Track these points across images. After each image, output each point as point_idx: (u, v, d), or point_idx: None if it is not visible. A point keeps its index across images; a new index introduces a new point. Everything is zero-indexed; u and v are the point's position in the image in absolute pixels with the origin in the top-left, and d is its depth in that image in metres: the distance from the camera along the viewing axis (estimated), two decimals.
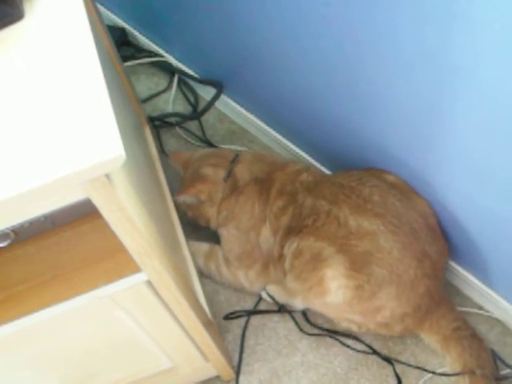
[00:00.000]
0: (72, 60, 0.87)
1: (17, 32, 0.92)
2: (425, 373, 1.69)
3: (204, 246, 1.90)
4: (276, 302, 1.81)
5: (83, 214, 1.05)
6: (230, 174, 1.77)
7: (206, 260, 1.87)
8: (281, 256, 1.68)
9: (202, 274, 1.87)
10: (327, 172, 1.96)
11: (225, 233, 1.80)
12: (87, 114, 0.80)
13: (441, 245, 1.64)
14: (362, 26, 1.36)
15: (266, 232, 1.71)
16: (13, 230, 1.03)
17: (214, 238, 1.87)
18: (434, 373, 1.68)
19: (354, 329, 1.67)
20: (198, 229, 1.92)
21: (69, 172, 0.75)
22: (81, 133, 0.79)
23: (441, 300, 1.62)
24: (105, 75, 0.88)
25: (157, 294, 1.16)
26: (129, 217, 0.91)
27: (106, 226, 0.93)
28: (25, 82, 0.86)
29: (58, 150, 0.78)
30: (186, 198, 1.82)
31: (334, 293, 1.55)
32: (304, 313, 1.80)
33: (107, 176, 0.82)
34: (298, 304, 1.72)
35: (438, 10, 1.15)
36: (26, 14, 0.94)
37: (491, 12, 1.06)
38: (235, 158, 1.80)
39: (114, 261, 1.09)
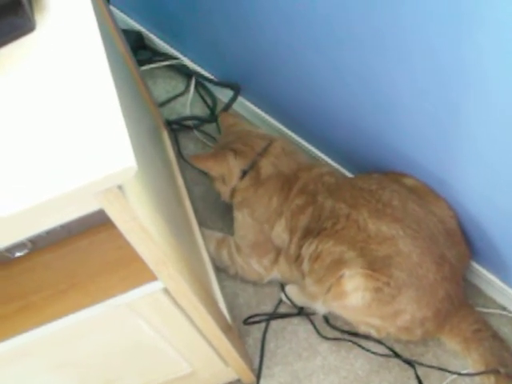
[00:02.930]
0: (83, 72, 0.87)
1: (28, 44, 0.92)
2: (447, 374, 1.68)
3: (217, 234, 1.91)
4: (294, 305, 1.81)
5: (99, 223, 1.04)
6: (252, 165, 1.75)
7: (218, 246, 1.87)
8: (298, 256, 1.68)
9: (213, 263, 1.86)
10: (346, 173, 1.94)
11: (240, 217, 1.80)
12: (98, 126, 0.80)
13: (461, 249, 1.63)
14: (385, 26, 1.35)
15: (279, 228, 1.71)
16: (30, 240, 1.04)
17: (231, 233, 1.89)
18: (458, 373, 1.66)
19: (373, 333, 1.67)
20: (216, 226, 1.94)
21: (78, 185, 0.75)
22: (92, 145, 0.78)
23: (460, 303, 1.61)
24: (119, 81, 0.88)
25: (174, 301, 1.16)
26: (142, 226, 0.91)
27: (121, 234, 0.93)
28: (36, 94, 0.86)
29: (69, 163, 0.77)
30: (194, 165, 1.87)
31: (352, 294, 1.54)
32: (324, 316, 1.79)
33: (120, 187, 0.82)
34: (320, 308, 1.71)
35: (467, 11, 1.14)
36: (38, 25, 0.94)
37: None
38: (264, 149, 1.77)
39: (130, 269, 1.09)
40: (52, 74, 0.88)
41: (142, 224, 0.90)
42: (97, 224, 1.07)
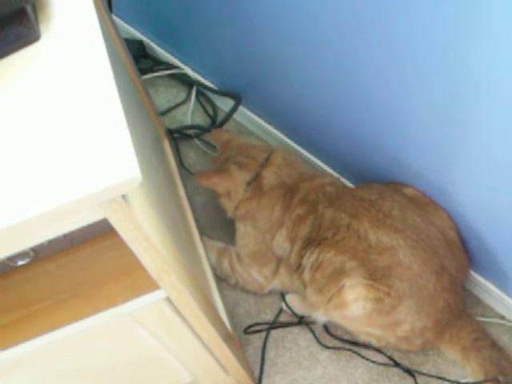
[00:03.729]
0: (88, 81, 0.87)
1: (33, 53, 0.93)
2: (447, 383, 1.67)
3: (218, 244, 1.91)
4: (295, 314, 1.81)
5: (102, 232, 1.05)
6: (256, 176, 1.76)
7: (219, 256, 1.87)
8: (299, 266, 1.68)
9: (214, 272, 1.87)
10: (347, 183, 1.94)
11: (242, 227, 1.80)
12: (103, 136, 0.80)
13: (460, 259, 1.64)
14: (379, 37, 1.36)
15: (280, 237, 1.71)
16: (32, 249, 1.04)
17: (232, 243, 1.89)
18: (458, 383, 1.67)
19: (374, 342, 1.67)
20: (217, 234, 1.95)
21: (83, 194, 0.76)
22: (96, 155, 0.79)
23: (460, 313, 1.62)
24: (122, 90, 0.88)
25: (176, 310, 1.16)
26: (146, 236, 0.91)
27: (124, 243, 0.93)
28: (40, 103, 0.87)
29: (74, 173, 0.78)
30: (201, 185, 1.85)
31: (353, 304, 1.54)
32: (324, 325, 1.79)
33: (124, 197, 0.83)
34: (320, 317, 1.71)
35: (458, 21, 1.15)
36: (42, 35, 0.94)
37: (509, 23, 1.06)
38: (266, 160, 1.78)
39: (132, 278, 1.09)
40: (56, 83, 0.88)
41: (145, 233, 0.90)
42: (99, 233, 1.07)
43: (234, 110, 2.19)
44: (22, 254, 1.04)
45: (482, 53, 1.16)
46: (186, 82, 2.37)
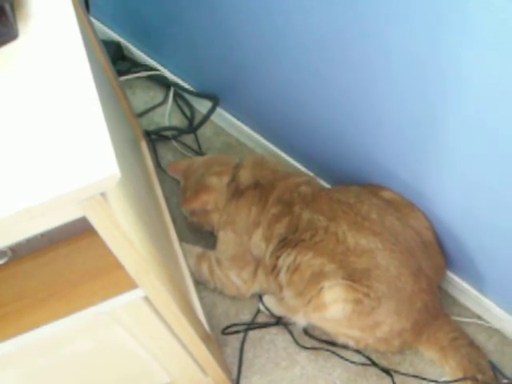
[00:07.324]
0: (66, 79, 0.87)
1: (10, 51, 0.92)
2: (425, 382, 1.69)
3: (197, 248, 1.90)
4: (272, 315, 1.81)
5: (80, 231, 1.04)
6: (232, 178, 1.78)
7: (198, 260, 1.86)
8: (274, 267, 1.68)
9: (192, 276, 1.86)
10: (324, 184, 1.95)
11: (222, 235, 1.80)
12: (82, 134, 0.80)
13: (437, 260, 1.65)
14: (354, 41, 1.37)
15: (256, 237, 1.72)
16: (10, 248, 1.03)
17: (209, 246, 1.89)
18: (436, 381, 1.68)
19: (352, 344, 1.68)
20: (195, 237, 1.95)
21: (62, 192, 0.76)
22: (75, 153, 0.79)
23: (437, 313, 1.63)
24: (100, 91, 0.88)
25: (154, 309, 1.16)
26: (125, 234, 0.91)
27: (102, 242, 0.93)
28: (18, 102, 0.86)
29: (53, 170, 0.78)
30: (192, 208, 1.83)
31: (332, 306, 1.55)
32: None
33: (103, 194, 0.83)
34: (300, 320, 1.70)
35: (430, 24, 1.16)
36: (20, 33, 0.94)
37: (482, 24, 1.07)
38: (238, 163, 1.81)
39: (111, 277, 1.08)
40: (34, 82, 0.88)
41: (124, 231, 0.90)
42: (77, 232, 1.06)
43: (211, 111, 2.20)
44: None
45: (454, 55, 1.17)
46: (164, 83, 2.37)
